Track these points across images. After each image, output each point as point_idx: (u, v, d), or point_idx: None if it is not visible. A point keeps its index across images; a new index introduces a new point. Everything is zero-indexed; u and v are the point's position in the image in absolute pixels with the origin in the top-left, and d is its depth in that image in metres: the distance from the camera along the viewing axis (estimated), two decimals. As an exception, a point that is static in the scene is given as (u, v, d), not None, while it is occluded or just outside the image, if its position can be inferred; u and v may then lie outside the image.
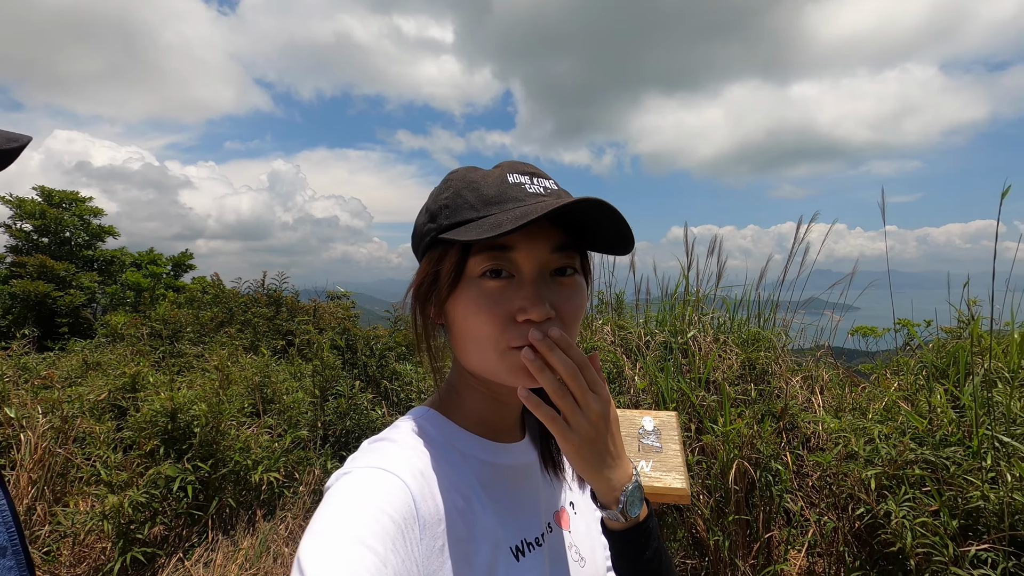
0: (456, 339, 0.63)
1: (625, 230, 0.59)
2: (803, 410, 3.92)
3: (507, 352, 0.58)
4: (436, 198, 0.64)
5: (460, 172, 0.64)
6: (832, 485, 3.00)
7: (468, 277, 0.60)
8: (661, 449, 1.71)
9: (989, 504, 2.27)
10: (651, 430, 1.77)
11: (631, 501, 0.64)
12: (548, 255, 0.60)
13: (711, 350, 4.66)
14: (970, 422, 2.78)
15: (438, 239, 0.61)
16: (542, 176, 0.63)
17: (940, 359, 4.02)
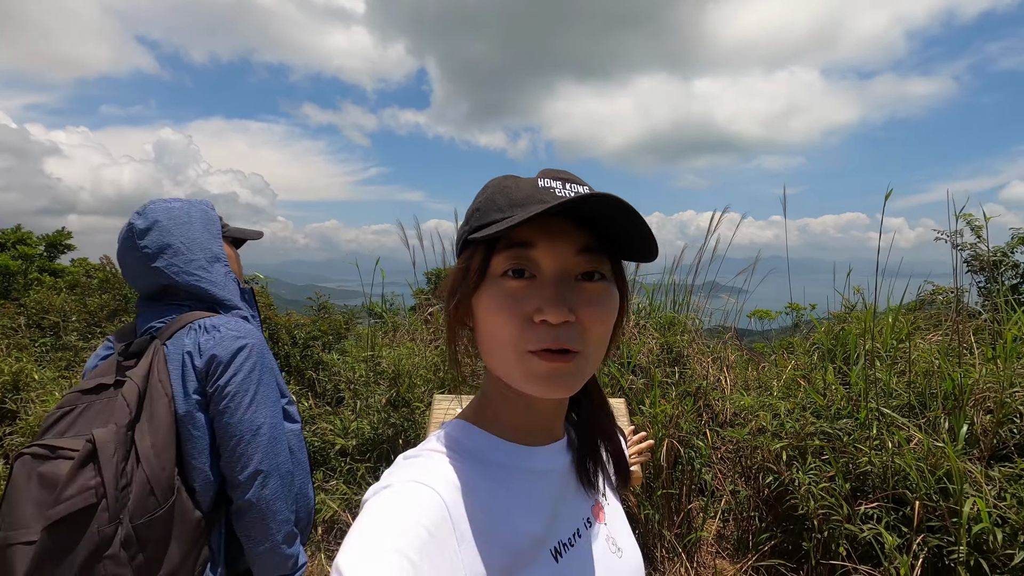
0: (480, 340, 0.62)
1: (645, 232, 0.58)
2: (713, 389, 4.26)
3: (524, 356, 0.56)
4: (473, 203, 0.65)
5: (497, 179, 0.65)
6: (744, 458, 3.30)
7: (492, 276, 0.59)
8: (612, 435, 1.82)
9: (875, 468, 2.61)
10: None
11: None
12: (572, 257, 0.58)
13: (633, 335, 4.92)
14: (857, 397, 3.16)
15: (468, 240, 0.62)
16: (576, 181, 0.62)
17: (830, 341, 4.52)
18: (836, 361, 4.11)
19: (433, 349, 4.46)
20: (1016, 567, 2.01)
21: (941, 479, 2.39)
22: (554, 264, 0.58)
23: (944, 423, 2.82)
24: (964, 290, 5.05)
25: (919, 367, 3.30)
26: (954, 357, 3.28)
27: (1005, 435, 2.48)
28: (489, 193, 0.62)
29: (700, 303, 5.85)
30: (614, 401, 1.98)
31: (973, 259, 4.94)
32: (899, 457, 2.54)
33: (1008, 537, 2.07)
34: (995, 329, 3.13)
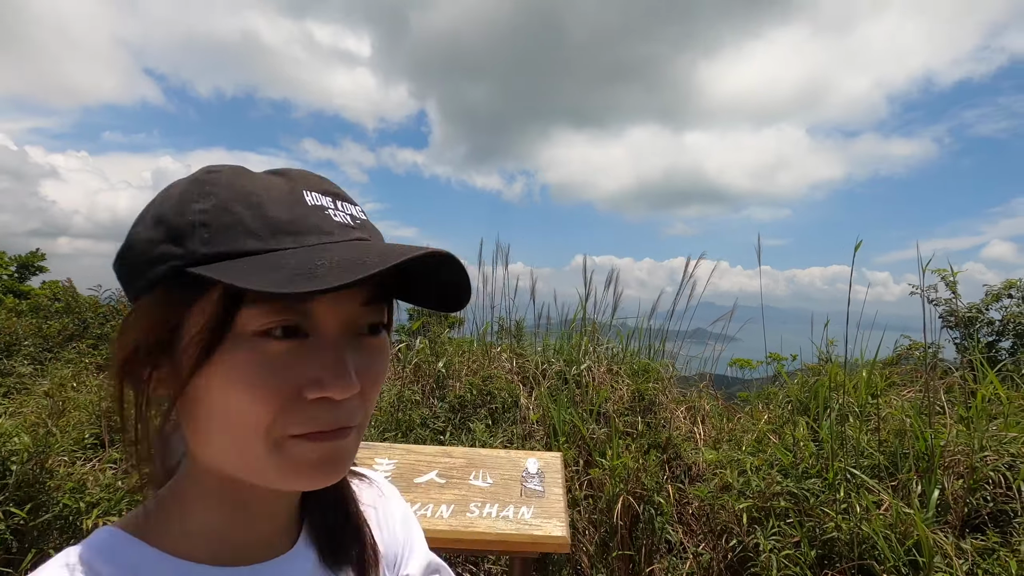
0: (196, 422, 0.44)
1: (466, 284, 0.47)
2: (685, 440, 4.09)
3: (284, 442, 0.42)
4: (182, 205, 0.42)
5: (225, 173, 0.44)
6: (709, 516, 3.11)
7: (238, 335, 0.41)
8: (543, 493, 1.65)
9: (842, 534, 2.44)
10: (535, 473, 1.71)
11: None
12: (357, 308, 0.45)
13: (604, 380, 4.77)
14: (827, 455, 3.01)
15: (185, 272, 0.40)
16: (346, 199, 0.47)
17: (803, 394, 4.39)
18: (808, 417, 3.98)
19: (395, 388, 4.27)
20: (988, 655, 1.83)
21: (911, 550, 2.22)
22: (338, 320, 0.43)
23: (916, 487, 2.67)
24: (940, 346, 5.00)
25: (891, 425, 3.17)
26: (926, 416, 3.15)
27: (977, 503, 2.33)
28: (223, 198, 0.42)
29: (676, 349, 5.74)
30: (549, 456, 1.83)
31: (949, 314, 4.90)
32: (867, 523, 2.37)
33: (980, 620, 1.90)
34: (969, 388, 3.01)
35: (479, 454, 1.74)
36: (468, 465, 1.71)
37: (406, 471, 1.66)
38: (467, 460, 1.73)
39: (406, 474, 1.66)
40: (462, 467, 1.71)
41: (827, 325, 5.19)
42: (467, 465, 1.71)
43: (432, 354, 4.75)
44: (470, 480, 1.67)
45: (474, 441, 3.79)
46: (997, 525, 2.32)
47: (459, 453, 1.74)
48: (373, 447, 1.72)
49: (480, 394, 4.49)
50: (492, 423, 4.26)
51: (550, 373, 4.86)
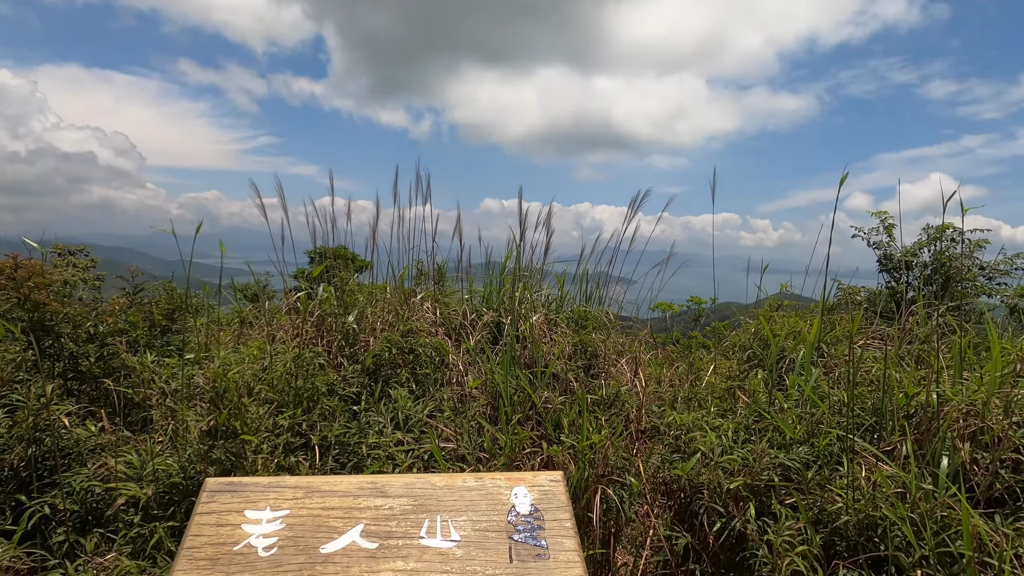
0: None
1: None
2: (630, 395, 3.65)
3: None
4: None
5: None
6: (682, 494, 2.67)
7: None
8: (547, 552, 1.00)
9: (851, 517, 2.05)
10: (527, 514, 1.05)
11: None
12: None
13: (543, 333, 4.20)
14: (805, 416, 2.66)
15: None
16: None
17: (755, 343, 4.10)
18: (764, 367, 3.68)
19: (292, 346, 3.41)
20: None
21: (941, 537, 1.86)
22: None
23: (901, 449, 2.37)
24: (880, 292, 4.96)
25: (870, 376, 2.88)
26: (908, 368, 2.88)
27: (1006, 475, 2.02)
28: None
29: (615, 295, 5.29)
30: (543, 478, 1.15)
31: (885, 259, 4.83)
32: (885, 506, 1.99)
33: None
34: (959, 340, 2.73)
35: (431, 485, 1.04)
36: (415, 508, 1.01)
37: (306, 531, 0.93)
38: (412, 499, 1.02)
39: (307, 537, 0.93)
40: (405, 512, 1.00)
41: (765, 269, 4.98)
42: (413, 508, 1.01)
43: (340, 305, 3.89)
44: (420, 538, 0.97)
45: (396, 413, 3.07)
46: (1018, 499, 2.03)
47: (398, 486, 1.03)
48: (242, 489, 0.95)
49: (400, 352, 3.73)
50: (416, 386, 3.55)
51: (480, 324, 4.20)
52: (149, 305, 3.81)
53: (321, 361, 3.33)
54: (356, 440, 2.96)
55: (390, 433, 2.89)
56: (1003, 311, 4.92)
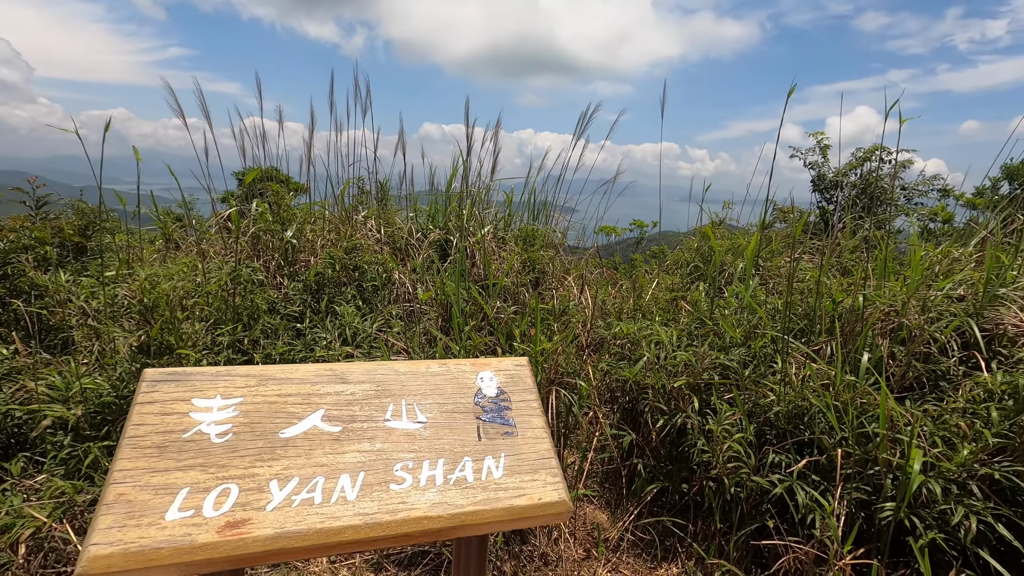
0: None
1: None
2: (578, 311, 3.73)
3: None
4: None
5: None
6: (627, 395, 2.80)
7: None
8: (515, 430, 1.00)
9: (782, 408, 2.21)
10: (494, 395, 1.04)
11: None
12: None
13: (493, 250, 4.15)
14: (743, 321, 2.80)
15: None
16: None
17: (696, 258, 4.24)
18: (705, 280, 3.82)
19: (227, 263, 3.20)
20: (955, 526, 1.71)
21: (860, 420, 2.04)
22: None
23: (828, 348, 2.56)
24: (810, 212, 5.19)
25: (804, 285, 3.05)
26: (837, 278, 3.07)
27: (918, 366, 2.22)
28: None
29: (560, 223, 5.28)
30: (508, 363, 1.14)
31: (818, 179, 5.03)
32: (812, 396, 2.16)
33: (943, 491, 1.77)
34: (883, 251, 2.91)
35: (394, 371, 1.00)
36: (379, 393, 0.96)
37: (262, 417, 0.88)
38: (375, 384, 0.98)
39: (264, 423, 0.87)
40: (368, 397, 0.96)
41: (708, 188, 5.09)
42: (377, 393, 0.96)
43: (276, 221, 3.66)
44: (386, 420, 0.94)
45: (343, 329, 2.99)
46: (924, 386, 2.25)
47: (359, 372, 0.98)
48: (189, 377, 0.87)
49: (344, 269, 3.60)
50: (363, 303, 3.46)
51: (426, 243, 4.09)
52: (58, 220, 3.45)
53: (260, 277, 3.16)
54: (302, 357, 2.88)
55: (338, 348, 2.82)
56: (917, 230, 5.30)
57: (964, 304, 2.42)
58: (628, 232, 7.70)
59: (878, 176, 4.68)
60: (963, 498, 1.77)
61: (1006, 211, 3.33)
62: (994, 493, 1.80)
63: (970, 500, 1.76)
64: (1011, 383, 1.90)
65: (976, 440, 1.83)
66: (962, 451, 1.81)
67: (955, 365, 2.20)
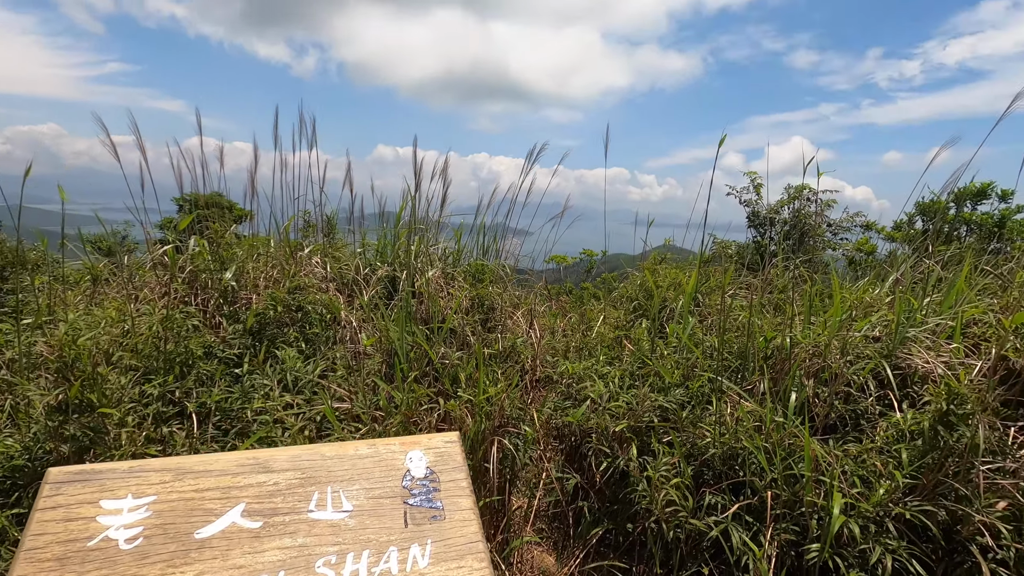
0: None
1: None
2: (525, 346, 3.77)
3: None
4: None
5: None
6: (572, 438, 2.83)
7: None
8: (442, 513, 1.00)
9: (718, 450, 2.30)
10: (423, 476, 1.04)
11: None
12: None
13: (441, 287, 4.15)
14: (688, 363, 2.90)
15: None
16: None
17: (640, 294, 4.36)
18: (648, 316, 3.94)
19: (159, 307, 3.07)
20: (873, 565, 1.81)
21: (788, 461, 2.14)
22: None
23: (760, 386, 2.68)
24: (748, 245, 5.46)
25: (737, 323, 3.19)
26: (768, 316, 3.23)
27: (839, 406, 2.35)
28: None
29: (512, 247, 5.34)
30: (439, 440, 1.14)
31: (753, 215, 5.31)
32: (745, 437, 2.25)
33: (862, 530, 1.87)
34: (809, 290, 3.09)
35: (320, 456, 0.98)
36: (303, 481, 0.95)
37: (177, 516, 0.85)
38: (299, 472, 0.96)
39: (178, 523, 0.84)
40: (292, 487, 0.94)
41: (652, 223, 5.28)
42: (301, 482, 0.95)
43: (215, 260, 3.54)
44: (310, 511, 0.92)
45: (284, 374, 2.91)
46: (847, 425, 2.39)
47: (283, 459, 0.96)
48: (98, 476, 0.83)
49: (287, 310, 3.51)
50: (307, 345, 3.38)
51: (375, 279, 4.05)
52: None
53: (195, 322, 3.04)
54: (240, 405, 2.78)
55: (278, 396, 2.74)
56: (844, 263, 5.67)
57: (880, 344, 2.60)
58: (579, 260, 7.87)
59: (807, 214, 4.99)
60: (880, 537, 1.88)
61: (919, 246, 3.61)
62: (909, 531, 1.92)
63: (887, 539, 1.87)
64: (919, 423, 2.04)
65: (891, 479, 1.96)
66: (879, 491, 1.93)
67: (872, 405, 2.35)
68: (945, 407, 1.94)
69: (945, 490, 1.95)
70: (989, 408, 1.97)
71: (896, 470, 1.94)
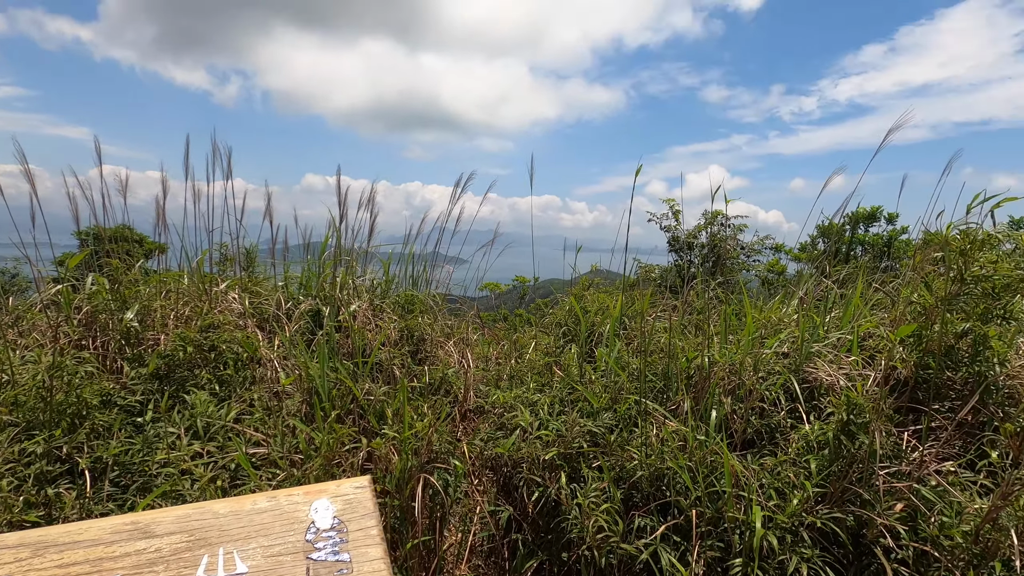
0: None
1: None
2: (458, 376, 3.72)
3: None
4: None
5: None
6: (503, 468, 2.79)
7: None
8: (349, 566, 0.93)
9: (645, 472, 2.33)
10: (328, 528, 0.97)
11: None
12: None
13: (368, 319, 4.03)
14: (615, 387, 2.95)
15: None
16: None
17: (570, 319, 4.43)
18: (577, 342, 4.00)
19: (47, 356, 2.78)
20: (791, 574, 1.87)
21: (708, 477, 2.21)
22: None
23: (684, 406, 2.77)
24: (670, 268, 5.70)
25: (660, 345, 3.29)
26: (689, 336, 3.36)
27: (755, 421, 2.46)
28: None
29: (442, 277, 5.30)
30: (348, 487, 1.08)
31: (673, 240, 5.57)
32: (670, 458, 2.30)
33: (780, 541, 1.94)
34: (726, 310, 3.25)
35: (213, 514, 0.89)
36: (191, 545, 0.85)
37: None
38: (187, 534, 0.86)
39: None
40: (178, 552, 0.85)
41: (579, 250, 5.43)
42: (189, 545, 0.85)
43: (116, 299, 3.27)
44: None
45: (194, 421, 2.70)
46: (763, 439, 2.50)
47: (169, 521, 0.86)
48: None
49: (199, 350, 3.28)
50: (221, 387, 3.16)
51: (297, 313, 3.89)
52: None
53: (90, 368, 2.78)
54: (142, 457, 2.54)
55: (185, 444, 2.53)
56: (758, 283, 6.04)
57: (788, 360, 2.76)
58: (511, 288, 7.94)
59: (722, 238, 5.31)
60: (796, 547, 1.96)
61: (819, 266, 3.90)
62: (822, 538, 2.02)
63: (802, 548, 1.95)
64: (824, 434, 2.17)
65: (803, 489, 2.05)
66: (792, 502, 2.01)
67: (784, 418, 2.47)
68: (845, 417, 2.07)
69: (851, 496, 2.07)
70: (884, 415, 2.12)
71: (807, 480, 2.04)
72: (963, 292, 2.24)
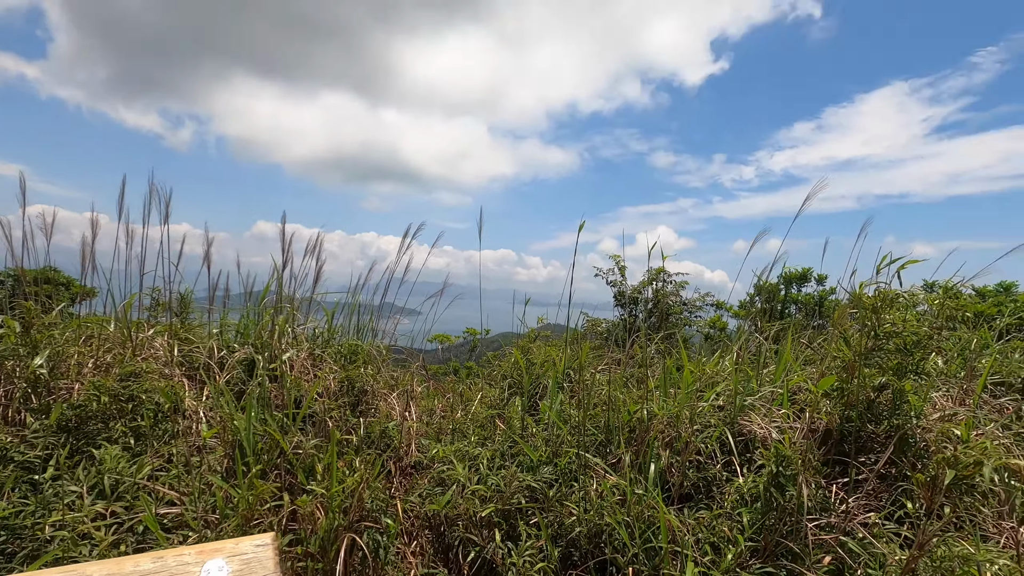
0: None
1: None
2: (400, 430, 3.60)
3: None
4: None
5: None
6: (439, 526, 2.67)
7: None
8: (241, 634, 0.85)
9: (583, 528, 2.28)
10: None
11: None
12: None
13: (306, 368, 3.88)
14: (556, 440, 2.92)
15: None
16: None
17: (516, 372, 4.41)
18: (522, 393, 3.97)
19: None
20: (725, 635, 1.84)
21: (645, 532, 2.18)
22: None
23: (624, 459, 2.76)
24: (616, 322, 5.80)
25: (602, 398, 3.30)
26: (631, 389, 3.39)
27: (692, 474, 2.47)
28: None
29: (387, 327, 5.20)
30: (248, 545, 1.00)
31: (619, 295, 5.71)
32: (608, 513, 2.26)
33: (715, 599, 1.92)
34: (668, 363, 3.32)
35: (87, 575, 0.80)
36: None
37: None
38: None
39: None
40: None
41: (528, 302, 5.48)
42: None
43: (25, 344, 3.03)
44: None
45: (102, 478, 2.48)
46: (700, 492, 2.50)
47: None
48: None
49: (115, 400, 3.06)
50: (137, 441, 2.93)
51: (232, 362, 3.71)
52: None
53: (-16, 419, 2.53)
54: (35, 520, 2.29)
55: (88, 505, 2.31)
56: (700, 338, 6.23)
57: (723, 413, 2.81)
58: (462, 340, 7.86)
59: (665, 294, 5.49)
60: (731, 604, 1.93)
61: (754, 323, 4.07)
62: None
63: (736, 605, 1.93)
64: (756, 486, 2.20)
65: (736, 544, 2.05)
66: (727, 557, 2.00)
67: (720, 471, 2.49)
68: (775, 469, 2.11)
69: (782, 550, 2.08)
70: (811, 467, 2.17)
71: (740, 534, 2.04)
72: (877, 347, 2.38)
